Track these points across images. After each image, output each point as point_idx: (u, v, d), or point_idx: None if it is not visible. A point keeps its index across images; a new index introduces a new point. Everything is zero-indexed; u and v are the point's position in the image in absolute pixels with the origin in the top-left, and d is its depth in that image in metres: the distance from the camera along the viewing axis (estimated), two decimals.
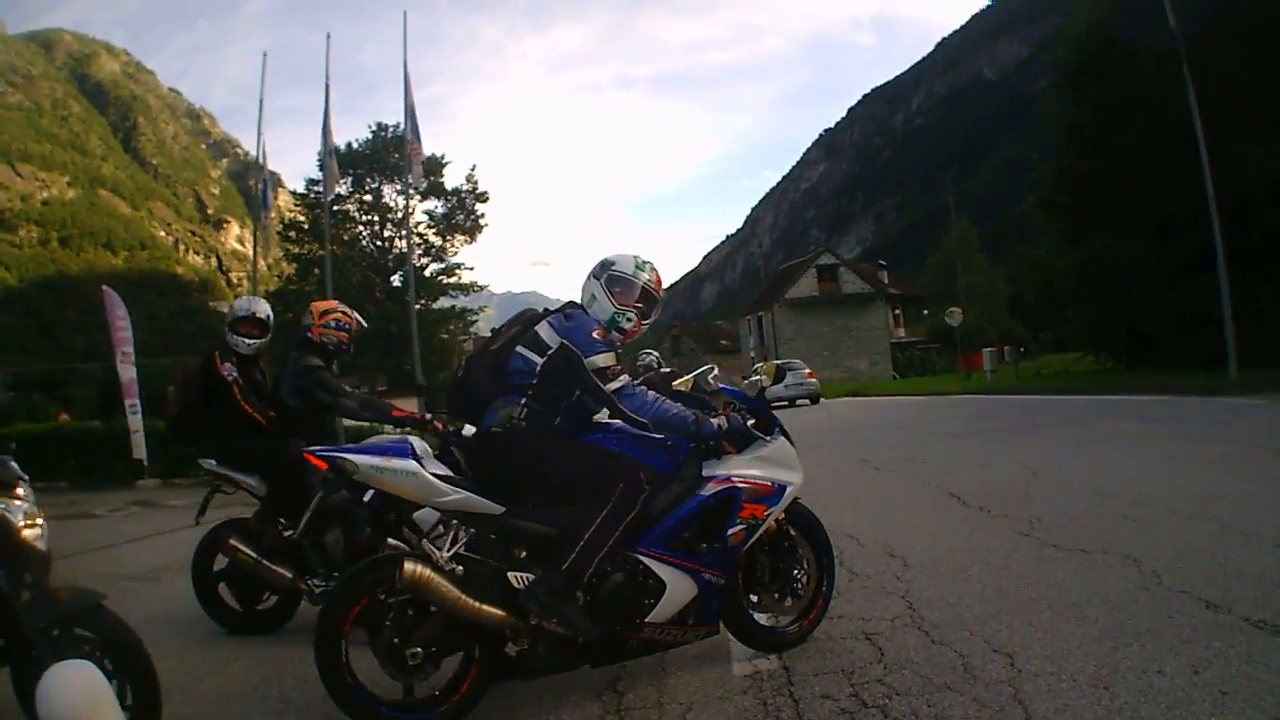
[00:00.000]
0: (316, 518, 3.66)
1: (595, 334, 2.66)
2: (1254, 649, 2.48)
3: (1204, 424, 8.14)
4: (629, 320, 2.82)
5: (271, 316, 4.37)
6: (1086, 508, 4.81)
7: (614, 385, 2.61)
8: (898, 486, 6.64)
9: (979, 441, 9.07)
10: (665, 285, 2.97)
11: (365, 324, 4.40)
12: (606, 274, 2.83)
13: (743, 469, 2.77)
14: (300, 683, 3.05)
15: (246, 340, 4.17)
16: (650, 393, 2.68)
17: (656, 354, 7.33)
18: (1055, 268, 21.03)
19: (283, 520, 3.79)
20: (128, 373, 12.56)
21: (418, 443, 2.59)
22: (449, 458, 2.70)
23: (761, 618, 2.94)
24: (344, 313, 4.21)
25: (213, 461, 4.06)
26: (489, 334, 3.04)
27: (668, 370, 6.10)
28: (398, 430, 4.15)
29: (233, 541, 3.68)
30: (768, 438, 2.90)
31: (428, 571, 2.36)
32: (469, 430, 3.04)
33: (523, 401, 2.62)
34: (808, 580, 3.01)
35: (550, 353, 2.66)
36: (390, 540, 2.62)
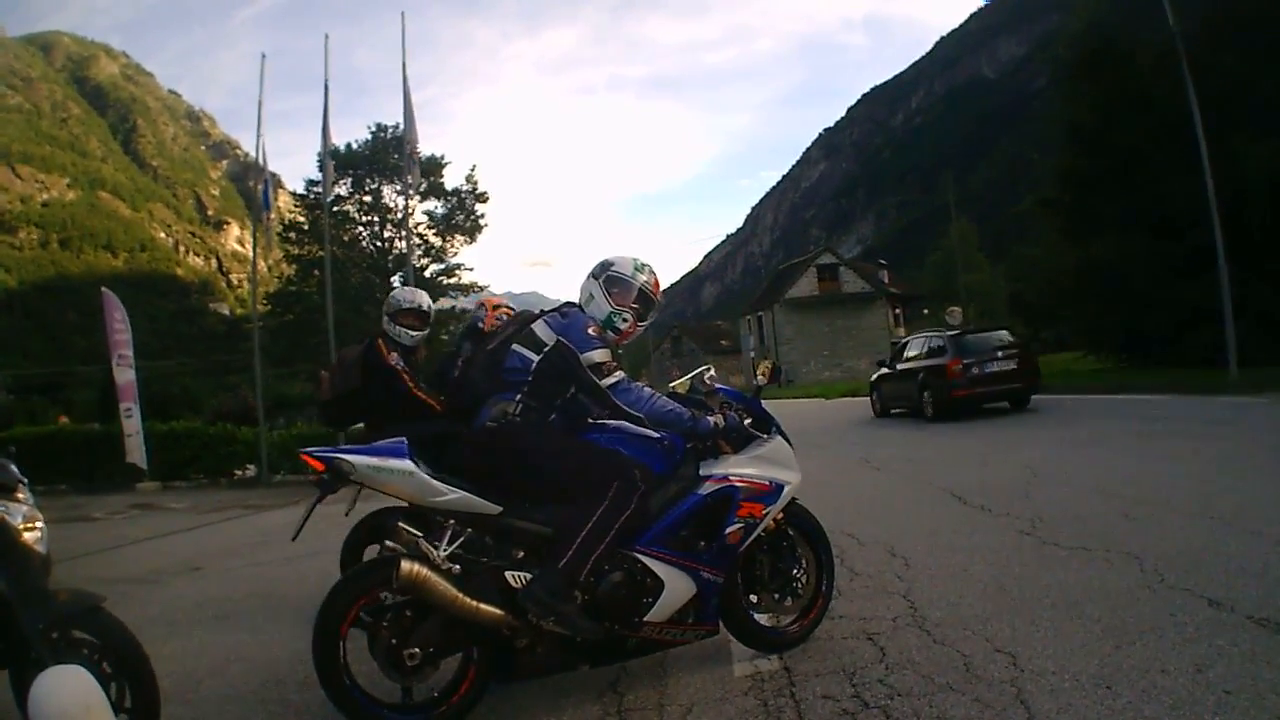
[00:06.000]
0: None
1: (590, 330, 2.66)
2: (1257, 647, 2.47)
3: (1205, 422, 8.12)
4: (624, 320, 2.83)
5: (432, 309, 4.42)
6: (1088, 506, 4.80)
7: (609, 380, 2.61)
8: (898, 486, 6.64)
9: (979, 441, 9.06)
10: (666, 285, 2.99)
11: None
12: (605, 274, 2.84)
13: (740, 468, 2.76)
14: (300, 685, 3.04)
15: (409, 332, 4.19)
16: (646, 388, 2.68)
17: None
18: (1055, 266, 21.00)
19: None
20: (124, 376, 12.50)
21: None
22: None
23: (762, 618, 2.92)
24: (510, 308, 4.31)
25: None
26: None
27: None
28: None
29: (401, 524, 3.64)
30: (765, 437, 2.89)
31: (425, 571, 2.35)
32: None
33: (518, 398, 2.63)
34: (807, 580, 3.00)
35: (546, 350, 2.66)
36: (386, 543, 2.61)
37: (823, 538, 3.09)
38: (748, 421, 2.87)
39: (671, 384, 3.10)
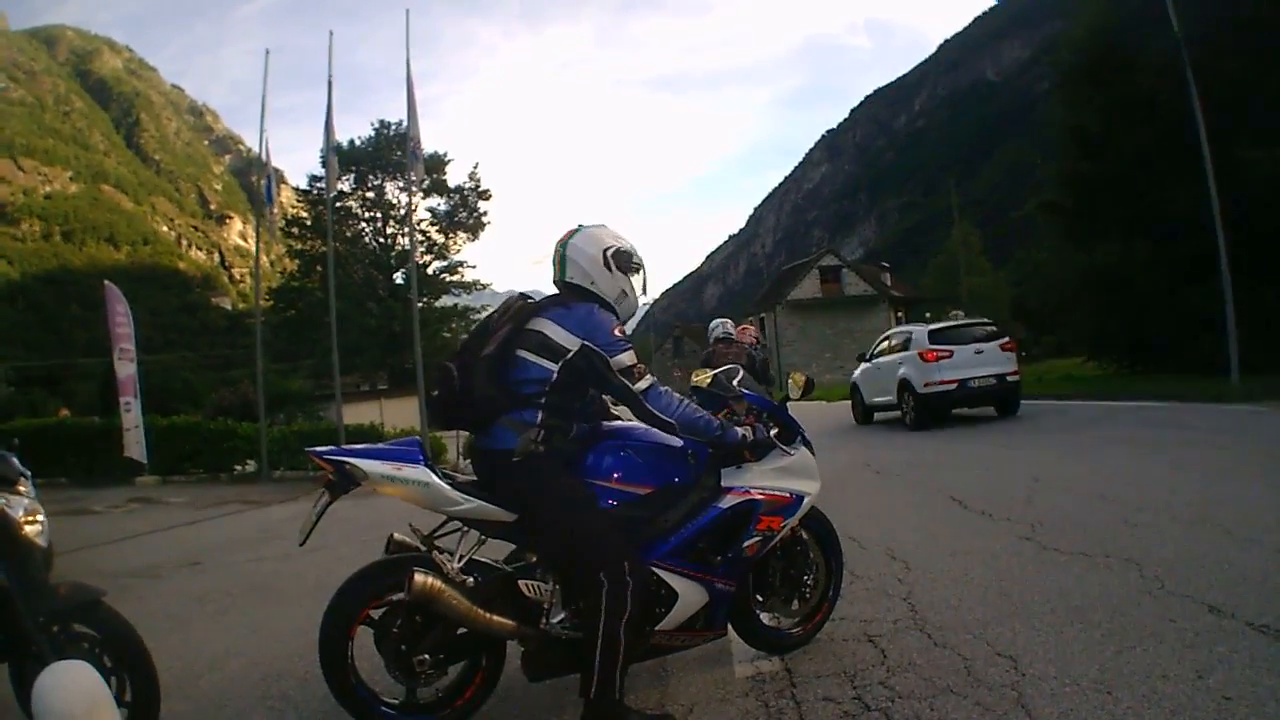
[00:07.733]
0: None
1: (616, 331, 2.50)
2: (1257, 654, 2.47)
3: (1206, 430, 8.10)
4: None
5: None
6: (1088, 512, 4.80)
7: (642, 385, 2.48)
8: (899, 490, 6.64)
9: (981, 446, 9.05)
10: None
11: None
12: (617, 253, 2.64)
13: (762, 480, 2.68)
14: (299, 681, 3.05)
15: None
16: (675, 394, 2.56)
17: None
18: (1058, 270, 20.96)
19: None
20: (125, 369, 12.45)
21: None
22: None
23: (766, 618, 2.92)
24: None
25: None
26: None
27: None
28: None
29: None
30: (789, 449, 2.81)
31: (438, 584, 2.30)
32: None
33: (540, 420, 2.44)
34: (816, 585, 2.99)
35: (569, 356, 2.47)
36: (395, 536, 2.58)
37: (835, 543, 3.08)
38: (774, 431, 2.80)
39: (694, 378, 3.00)
